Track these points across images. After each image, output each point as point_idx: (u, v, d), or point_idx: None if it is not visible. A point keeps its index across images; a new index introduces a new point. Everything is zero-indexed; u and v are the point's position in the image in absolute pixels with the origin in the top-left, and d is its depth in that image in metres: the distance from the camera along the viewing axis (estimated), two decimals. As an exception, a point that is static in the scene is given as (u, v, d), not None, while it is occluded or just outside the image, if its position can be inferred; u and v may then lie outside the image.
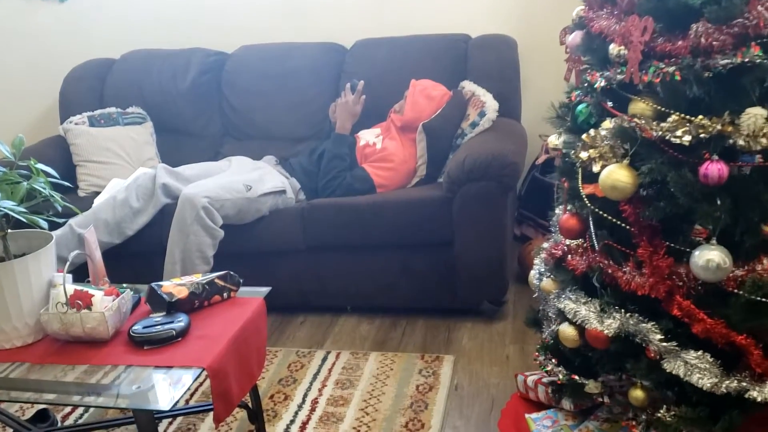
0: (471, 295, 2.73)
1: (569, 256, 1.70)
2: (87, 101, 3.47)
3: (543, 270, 1.91)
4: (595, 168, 1.62)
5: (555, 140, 1.83)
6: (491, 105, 2.85)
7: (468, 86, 3.06)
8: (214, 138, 3.49)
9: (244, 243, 2.78)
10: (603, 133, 1.60)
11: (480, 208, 2.60)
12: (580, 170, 1.71)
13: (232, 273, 2.03)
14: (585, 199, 1.67)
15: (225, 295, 2.00)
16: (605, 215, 1.63)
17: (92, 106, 3.44)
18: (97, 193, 3.08)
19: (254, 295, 2.04)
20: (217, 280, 1.99)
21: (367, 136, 3.01)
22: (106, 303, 1.80)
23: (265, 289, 2.07)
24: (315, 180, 2.91)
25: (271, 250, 2.81)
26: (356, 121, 2.99)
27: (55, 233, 2.72)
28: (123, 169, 3.19)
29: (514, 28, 3.32)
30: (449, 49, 3.22)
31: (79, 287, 1.81)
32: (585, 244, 1.71)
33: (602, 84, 1.60)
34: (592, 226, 1.69)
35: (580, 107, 1.68)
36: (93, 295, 1.79)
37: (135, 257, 2.90)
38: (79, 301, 1.78)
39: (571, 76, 1.82)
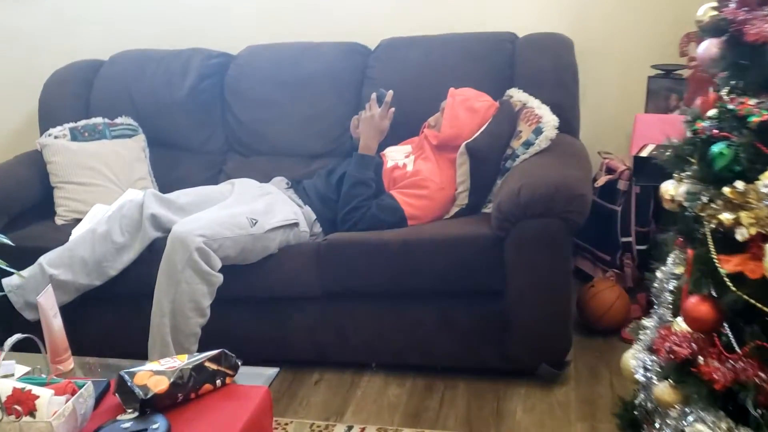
0: (526, 355, 2.23)
1: (701, 358, 1.20)
2: (70, 110, 2.99)
3: (649, 363, 1.41)
4: (742, 235, 1.13)
5: (671, 189, 1.34)
6: (549, 120, 2.34)
7: (517, 95, 2.55)
8: (216, 154, 3.00)
9: (248, 287, 2.30)
10: (763, 189, 1.09)
11: (539, 251, 2.11)
12: (710, 236, 1.20)
13: (227, 352, 1.55)
14: (726, 279, 1.17)
15: (218, 382, 1.52)
16: (760, 305, 1.13)
17: (76, 115, 2.96)
18: (79, 221, 2.61)
19: (257, 380, 1.56)
20: (207, 364, 1.51)
21: (396, 156, 2.52)
22: (56, 407, 1.32)
23: (272, 371, 1.60)
24: (333, 209, 2.41)
25: (281, 296, 2.33)
26: (383, 139, 2.49)
27: (23, 273, 2.28)
28: (108, 192, 2.71)
29: (569, 26, 2.82)
30: (493, 51, 2.72)
31: (19, 385, 1.33)
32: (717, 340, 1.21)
33: (761, 118, 1.10)
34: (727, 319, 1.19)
35: (719, 147, 1.18)
36: (38, 396, 1.32)
37: (119, 301, 2.43)
38: (18, 406, 1.30)
39: (695, 101, 1.32)
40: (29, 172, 2.76)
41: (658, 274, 1.53)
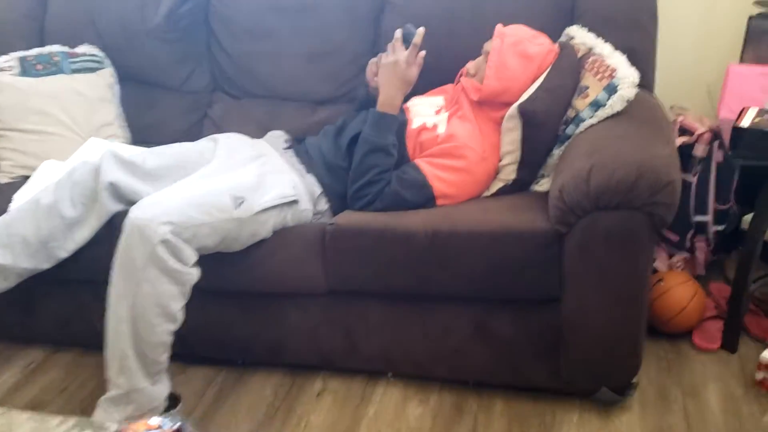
0: (583, 377, 1.77)
1: None
2: (20, 35, 2.44)
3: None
4: None
5: None
6: (627, 76, 1.79)
7: (580, 36, 1.99)
8: (200, 94, 2.47)
9: (232, 279, 1.82)
10: None
11: (612, 253, 1.61)
12: None
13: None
14: None
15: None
16: None
17: (27, 42, 2.42)
18: (27, 179, 2.11)
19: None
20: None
21: (424, 112, 1.98)
22: None
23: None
24: (343, 179, 1.90)
25: (275, 291, 1.85)
26: (409, 92, 1.94)
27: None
28: (66, 142, 2.20)
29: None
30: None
31: None
32: None
33: None
34: None
35: None
36: None
37: (73, 287, 1.97)
38: None
39: None
40: (-33, 115, 2.23)
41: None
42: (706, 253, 2.24)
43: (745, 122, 1.79)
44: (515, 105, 1.81)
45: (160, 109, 2.43)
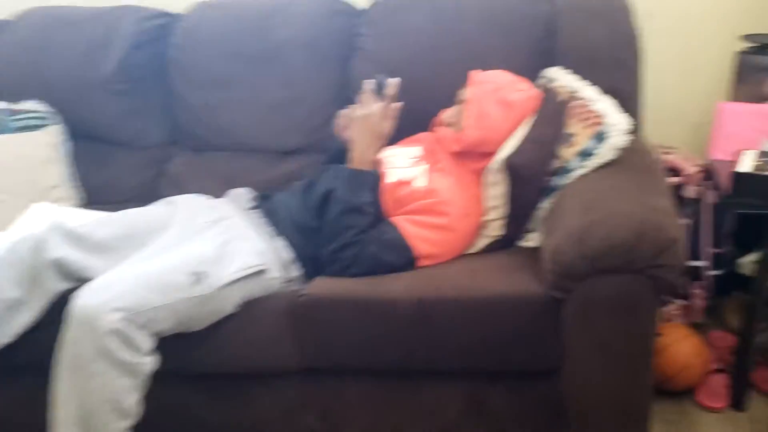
0: (587, 454, 1.61)
1: None
2: (-42, 90, 2.25)
3: None
4: None
5: None
6: (617, 122, 1.67)
7: (561, 79, 1.87)
8: (156, 149, 2.30)
9: (193, 360, 1.63)
10: None
11: (614, 319, 1.46)
12: None
13: None
14: None
15: None
16: None
17: (-34, 98, 2.23)
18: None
19: None
20: None
21: (399, 164, 1.83)
22: None
23: None
24: (315, 240, 1.73)
25: (245, 372, 1.67)
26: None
27: None
28: (7, 209, 2.00)
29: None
30: (526, 16, 2.03)
31: None
32: None
33: None
34: None
35: None
36: None
37: (19, 373, 1.76)
38: None
39: None
40: None
41: None
42: (704, 299, 2.11)
43: (746, 167, 1.67)
44: (500, 158, 1.67)
45: (114, 166, 2.25)
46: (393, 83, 1.68)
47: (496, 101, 1.73)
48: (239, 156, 2.20)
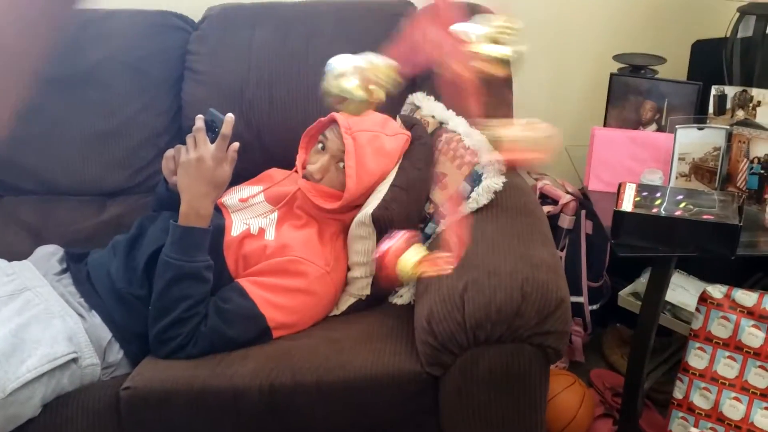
0: None
1: None
2: None
3: None
4: None
5: None
6: (489, 160, 1.47)
7: (427, 107, 1.66)
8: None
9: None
10: None
11: (499, 396, 1.26)
12: None
13: None
14: None
15: None
16: None
17: None
18: None
19: None
20: None
21: (246, 211, 1.54)
22: None
23: None
24: (141, 313, 1.40)
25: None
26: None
27: None
28: None
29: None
30: (382, 28, 1.77)
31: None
32: None
33: None
34: None
35: None
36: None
37: None
38: None
39: None
40: None
41: None
42: (584, 337, 1.98)
43: (626, 205, 1.52)
44: (366, 211, 1.42)
45: None
46: (228, 120, 1.39)
47: (373, 152, 1.49)
48: (50, 201, 1.82)
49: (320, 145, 1.52)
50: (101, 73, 1.80)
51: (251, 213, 1.53)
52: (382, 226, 1.41)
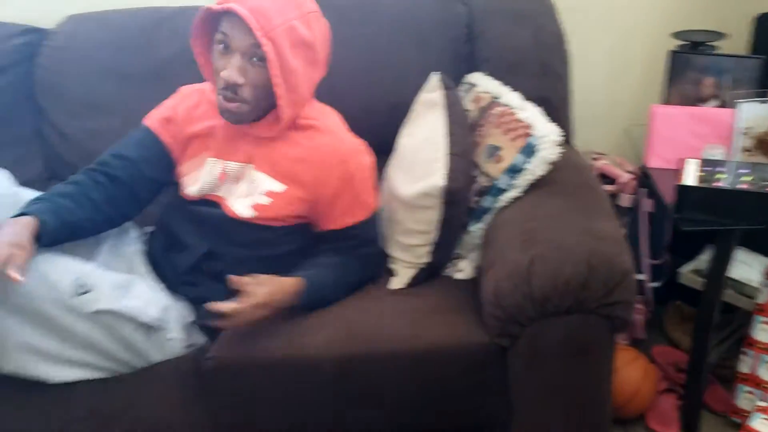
0: None
1: None
2: None
3: None
4: None
5: None
6: (546, 134, 1.49)
7: (483, 84, 1.69)
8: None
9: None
10: None
11: (567, 366, 1.30)
12: None
13: None
14: None
15: None
16: None
17: None
18: None
19: None
20: None
21: (231, 189, 1.51)
22: None
23: None
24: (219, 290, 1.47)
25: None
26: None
27: None
28: None
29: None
30: (440, 22, 1.83)
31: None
32: None
33: None
34: None
35: None
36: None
37: None
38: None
39: None
40: None
41: None
42: (645, 314, 1.99)
43: (690, 179, 1.54)
44: (435, 183, 1.44)
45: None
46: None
47: (292, 45, 1.30)
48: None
49: (221, 46, 1.33)
50: (173, 68, 1.89)
51: (238, 184, 1.47)
52: (452, 199, 1.44)
